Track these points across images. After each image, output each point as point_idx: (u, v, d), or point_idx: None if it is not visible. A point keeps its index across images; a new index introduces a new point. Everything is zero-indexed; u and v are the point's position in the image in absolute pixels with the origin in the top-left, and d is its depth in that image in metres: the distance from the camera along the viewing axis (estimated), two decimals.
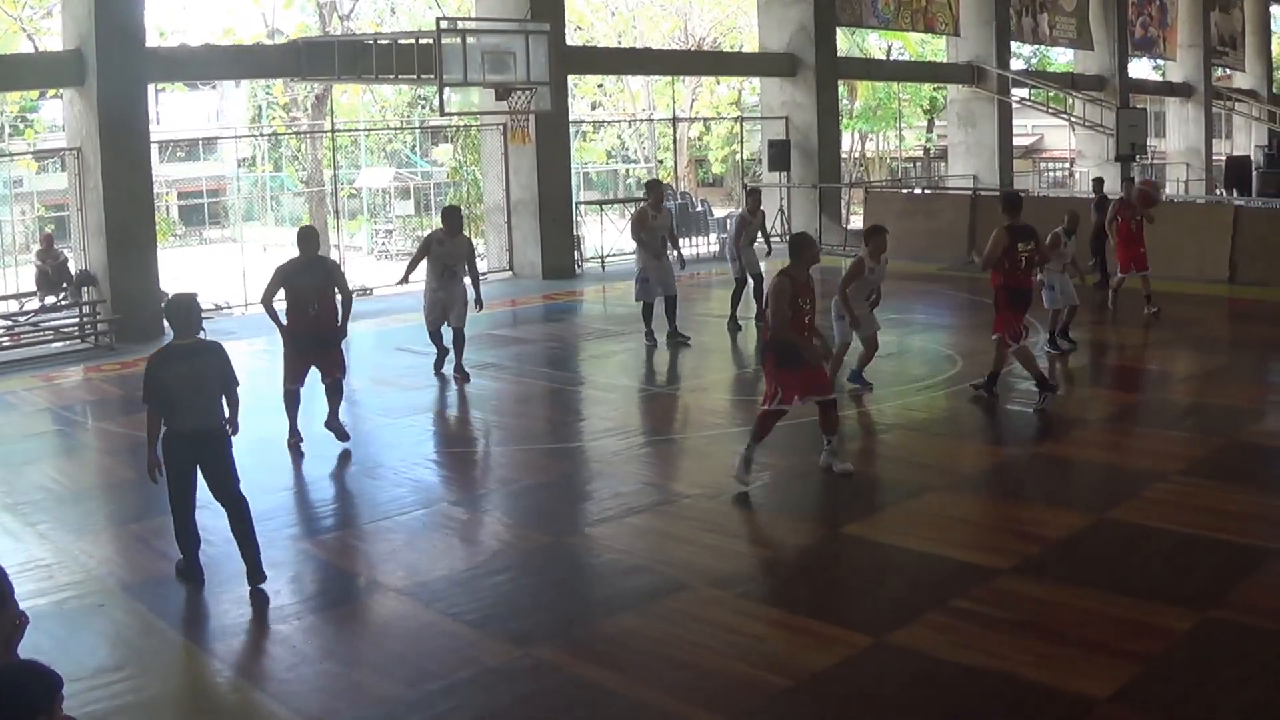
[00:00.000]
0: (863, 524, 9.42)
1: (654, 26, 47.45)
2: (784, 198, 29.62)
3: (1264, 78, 47.81)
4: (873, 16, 32.07)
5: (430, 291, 14.58)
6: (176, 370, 8.02)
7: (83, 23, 18.11)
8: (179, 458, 8.11)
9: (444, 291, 14.46)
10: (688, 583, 8.15)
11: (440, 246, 14.36)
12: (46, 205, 36.61)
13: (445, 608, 7.81)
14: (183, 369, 8.03)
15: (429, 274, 14.57)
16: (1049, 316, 15.08)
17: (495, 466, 11.71)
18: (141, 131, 19.03)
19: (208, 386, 8.12)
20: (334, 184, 28.79)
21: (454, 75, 19.37)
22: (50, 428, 13.67)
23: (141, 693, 6.85)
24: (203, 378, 8.09)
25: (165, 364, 8.10)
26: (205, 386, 8.10)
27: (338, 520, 9.78)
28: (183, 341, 8.21)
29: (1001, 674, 6.63)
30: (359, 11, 38.88)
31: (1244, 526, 8.91)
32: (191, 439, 8.08)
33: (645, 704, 6.50)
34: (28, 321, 18.60)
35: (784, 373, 10.02)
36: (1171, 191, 40.11)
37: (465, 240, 14.70)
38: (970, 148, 34.57)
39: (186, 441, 8.08)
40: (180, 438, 8.07)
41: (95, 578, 8.55)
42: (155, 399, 8.05)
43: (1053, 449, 11.40)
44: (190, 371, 8.04)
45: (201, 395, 8.08)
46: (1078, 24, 37.93)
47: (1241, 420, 12.05)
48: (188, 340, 8.22)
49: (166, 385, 8.00)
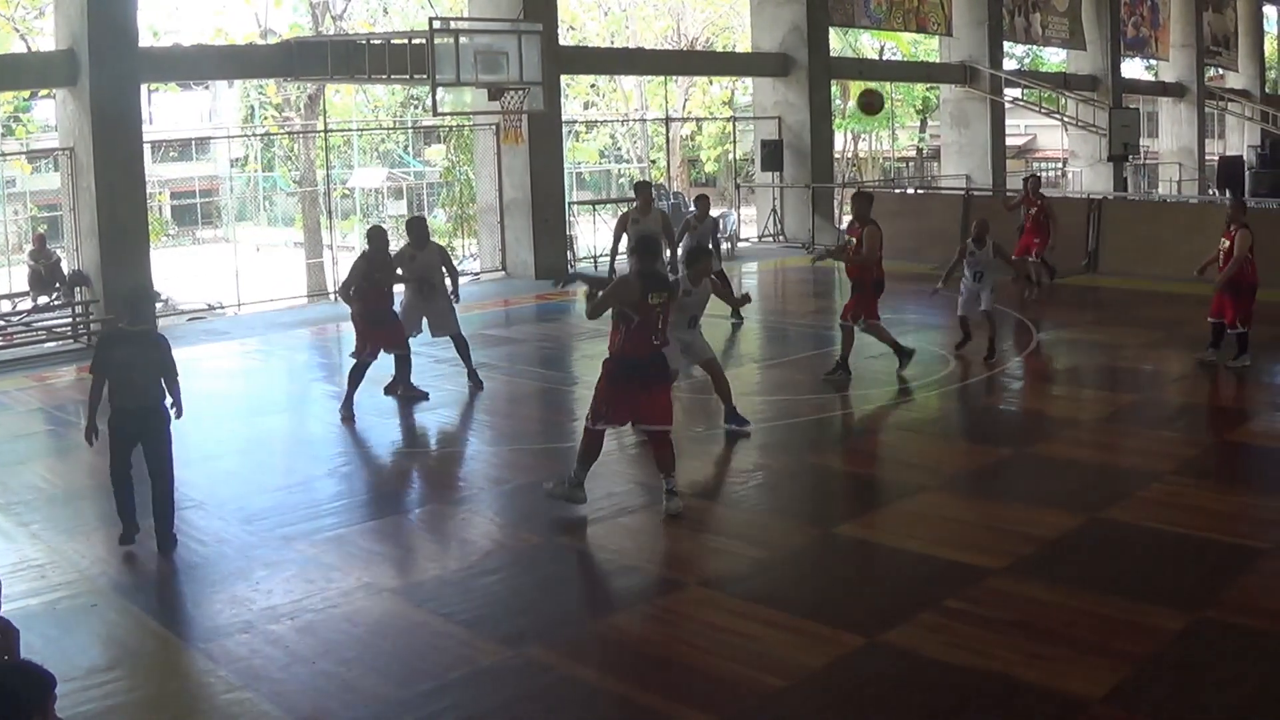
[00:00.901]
0: (855, 524, 9.43)
1: (647, 26, 47.44)
2: (777, 198, 29.64)
3: (1257, 78, 47.89)
4: (865, 16, 32.11)
5: (408, 308, 13.81)
6: (124, 351, 8.84)
7: (75, 22, 18.09)
8: (121, 431, 8.91)
9: (425, 305, 13.81)
10: (680, 582, 8.16)
11: (412, 262, 13.64)
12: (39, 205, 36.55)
13: (437, 608, 7.81)
14: (129, 351, 8.83)
15: (406, 290, 13.87)
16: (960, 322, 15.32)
17: (487, 466, 11.70)
18: (134, 131, 19.00)
19: (150, 370, 8.89)
20: (327, 184, 28.80)
21: (447, 75, 19.37)
22: (43, 428, 13.67)
23: (134, 693, 6.84)
24: (146, 362, 8.86)
25: (115, 344, 9.01)
26: (148, 370, 8.88)
27: (330, 520, 9.76)
28: (132, 328, 9.01)
29: (994, 674, 6.63)
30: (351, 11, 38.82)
31: (1235, 526, 8.94)
32: (132, 415, 8.87)
33: (637, 704, 6.51)
34: (20, 321, 18.58)
35: (616, 390, 9.37)
36: (1164, 192, 40.20)
37: (435, 248, 14.08)
38: (963, 148, 34.59)
39: (128, 416, 8.87)
40: (121, 413, 8.88)
41: (88, 578, 8.54)
42: (99, 371, 8.90)
43: (1045, 449, 11.41)
44: (135, 355, 8.82)
45: (143, 377, 8.84)
46: (1070, 24, 37.97)
47: (1233, 420, 12.07)
48: (137, 328, 9.01)
49: (113, 363, 8.83)
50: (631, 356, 9.24)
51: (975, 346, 14.86)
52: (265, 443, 12.40)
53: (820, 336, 17.70)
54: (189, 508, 9.95)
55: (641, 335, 9.23)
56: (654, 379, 9.39)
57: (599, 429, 9.51)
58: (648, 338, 9.26)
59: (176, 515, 9.11)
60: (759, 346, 17.34)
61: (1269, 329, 17.34)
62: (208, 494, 10.36)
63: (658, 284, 9.35)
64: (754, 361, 16.29)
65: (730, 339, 17.23)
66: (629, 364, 9.26)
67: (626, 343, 9.24)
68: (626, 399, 9.33)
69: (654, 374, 9.39)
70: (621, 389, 9.31)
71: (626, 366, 9.27)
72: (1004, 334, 16.98)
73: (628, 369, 9.27)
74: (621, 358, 9.28)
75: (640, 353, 9.25)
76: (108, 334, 9.18)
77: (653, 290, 9.24)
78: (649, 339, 9.28)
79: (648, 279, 9.32)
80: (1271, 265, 20.31)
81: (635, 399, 9.33)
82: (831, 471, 11.19)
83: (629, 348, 9.24)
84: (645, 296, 9.19)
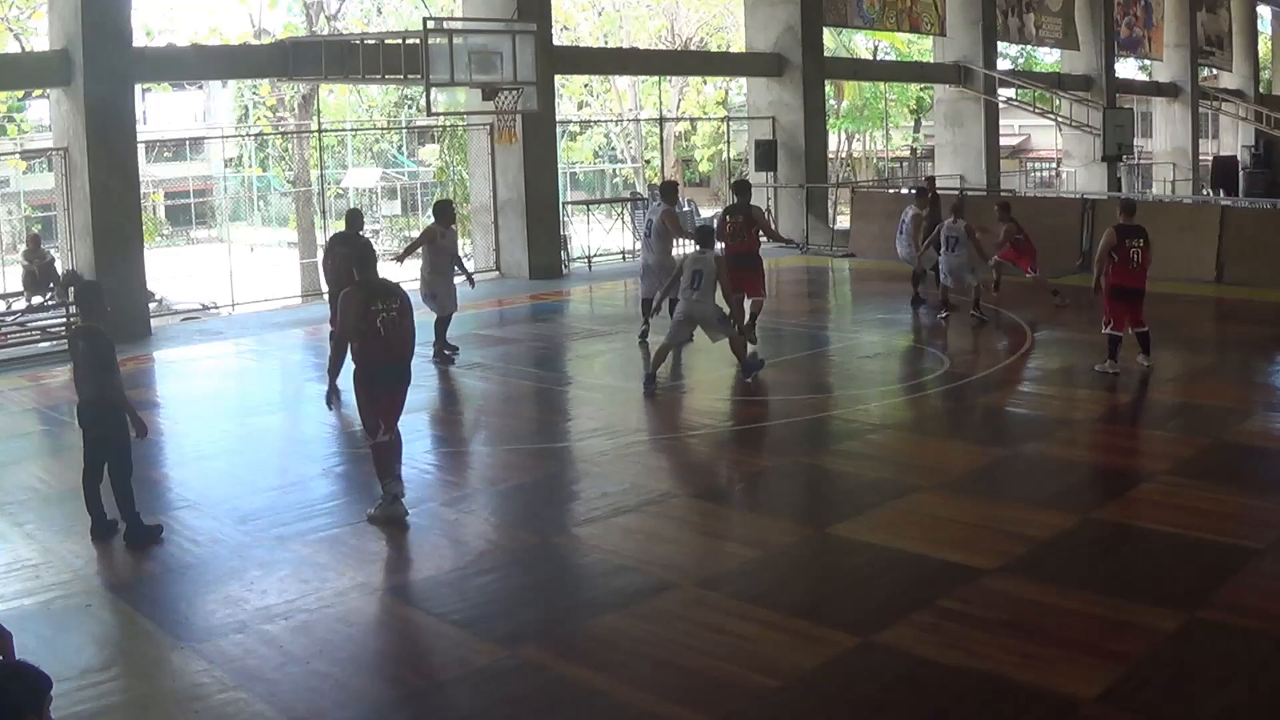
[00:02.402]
0: (849, 524, 9.43)
1: (641, 26, 47.44)
2: (771, 198, 29.64)
3: (1250, 78, 47.95)
4: (858, 17, 32.10)
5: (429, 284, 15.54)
6: (77, 346, 9.27)
7: (69, 23, 18.06)
8: (83, 424, 9.30)
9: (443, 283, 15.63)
10: (674, 582, 8.16)
11: (443, 239, 15.53)
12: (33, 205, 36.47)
13: (432, 608, 7.82)
14: (80, 346, 9.20)
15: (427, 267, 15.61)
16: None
17: (482, 466, 11.71)
18: (128, 131, 18.98)
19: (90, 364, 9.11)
20: (321, 184, 28.76)
21: (441, 75, 19.35)
22: (37, 428, 13.65)
23: (128, 693, 6.85)
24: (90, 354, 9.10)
25: (72, 339, 9.64)
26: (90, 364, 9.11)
27: (324, 520, 9.76)
28: (84, 324, 9.51)
29: (987, 674, 6.64)
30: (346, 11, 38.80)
31: (1230, 526, 8.94)
32: (83, 407, 9.25)
33: (631, 704, 6.51)
34: (14, 322, 18.54)
35: (372, 398, 9.57)
36: (1158, 191, 40.25)
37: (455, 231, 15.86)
38: (957, 148, 34.60)
39: (83, 407, 9.26)
40: (79, 404, 9.34)
41: (82, 578, 8.54)
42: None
43: (1039, 449, 11.42)
44: (83, 349, 9.15)
45: (88, 371, 9.12)
46: (1064, 24, 38.00)
47: (1228, 420, 12.08)
48: (87, 323, 9.43)
49: (72, 358, 9.40)
50: (376, 363, 9.42)
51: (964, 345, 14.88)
52: (259, 443, 12.39)
53: (814, 336, 17.73)
54: (182, 508, 9.97)
55: (375, 343, 9.35)
56: (395, 384, 9.64)
57: (382, 440, 9.57)
58: (382, 345, 9.38)
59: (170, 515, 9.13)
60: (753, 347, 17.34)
61: (1267, 329, 17.41)
62: (201, 494, 10.36)
63: (379, 293, 9.49)
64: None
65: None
66: (376, 371, 9.45)
67: (368, 350, 9.40)
68: (382, 403, 9.54)
69: (395, 380, 9.62)
70: (376, 395, 9.53)
71: (373, 374, 9.46)
72: (1000, 334, 17.02)
73: (374, 376, 9.46)
74: (366, 365, 9.45)
75: (383, 359, 9.43)
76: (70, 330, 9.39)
77: (374, 299, 9.41)
78: (383, 346, 9.39)
79: (369, 289, 9.49)
80: (1270, 265, 20.51)
81: (386, 402, 9.57)
82: (825, 471, 11.19)
83: (372, 355, 9.40)
84: (368, 306, 9.34)
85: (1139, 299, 13.72)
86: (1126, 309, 13.68)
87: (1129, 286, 13.65)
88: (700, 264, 13.56)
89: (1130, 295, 13.67)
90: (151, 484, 10.42)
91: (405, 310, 9.52)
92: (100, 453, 9.22)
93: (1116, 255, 13.54)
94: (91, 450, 9.25)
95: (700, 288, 13.53)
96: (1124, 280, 13.62)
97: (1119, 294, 13.65)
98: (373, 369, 9.41)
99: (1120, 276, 13.60)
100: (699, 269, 13.53)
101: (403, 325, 9.48)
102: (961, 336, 16.93)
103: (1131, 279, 13.63)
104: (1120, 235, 13.58)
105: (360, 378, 9.48)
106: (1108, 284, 13.71)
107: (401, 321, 9.45)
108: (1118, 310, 13.68)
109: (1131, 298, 13.68)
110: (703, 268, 13.53)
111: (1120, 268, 13.57)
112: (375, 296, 9.39)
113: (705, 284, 13.52)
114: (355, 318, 9.33)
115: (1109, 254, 13.59)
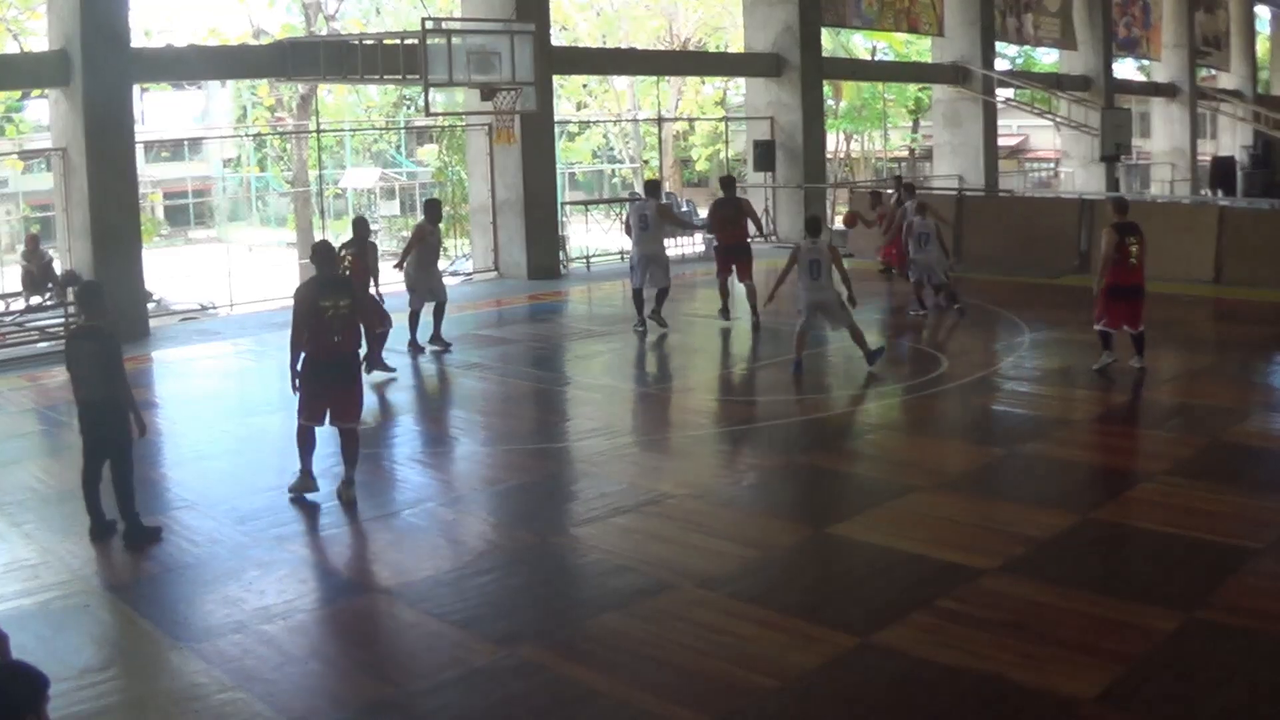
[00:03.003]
0: (848, 524, 9.43)
1: (639, 27, 47.47)
2: (769, 198, 29.64)
3: (1249, 78, 47.96)
4: (856, 17, 32.11)
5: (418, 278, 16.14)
6: (81, 347, 9.19)
7: (68, 23, 18.05)
8: (85, 425, 9.28)
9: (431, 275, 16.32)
10: (673, 583, 8.16)
11: (432, 236, 16.29)
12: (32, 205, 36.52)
13: (430, 608, 7.81)
14: (85, 347, 9.15)
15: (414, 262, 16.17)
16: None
17: (480, 466, 11.70)
18: (127, 132, 18.97)
19: (97, 366, 9.08)
20: (319, 184, 28.81)
21: (439, 75, 19.35)
22: (36, 428, 13.65)
23: (127, 693, 6.84)
24: (94, 358, 9.08)
25: (73, 340, 9.49)
26: (95, 365, 9.07)
27: (323, 520, 9.76)
28: (86, 324, 9.47)
29: (986, 674, 6.64)
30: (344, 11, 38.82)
31: (1228, 527, 8.93)
32: (87, 407, 9.21)
33: (630, 704, 6.51)
34: (13, 322, 18.53)
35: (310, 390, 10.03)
36: (1157, 192, 40.25)
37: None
38: (955, 148, 34.59)
39: (85, 408, 9.25)
40: (80, 405, 9.30)
41: (80, 578, 8.53)
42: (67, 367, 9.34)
43: (1038, 449, 11.42)
44: (86, 351, 9.11)
45: (94, 373, 9.08)
46: (1062, 24, 38.00)
47: (1227, 420, 12.07)
48: (88, 324, 9.39)
49: (73, 359, 9.22)
50: (317, 358, 9.90)
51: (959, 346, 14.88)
52: (258, 443, 12.39)
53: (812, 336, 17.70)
54: (181, 508, 9.97)
55: (322, 339, 9.82)
56: (341, 379, 10.01)
57: (302, 424, 10.14)
58: (328, 340, 9.83)
59: (169, 515, 9.13)
60: (751, 346, 17.34)
61: (1265, 329, 17.41)
62: (200, 494, 10.36)
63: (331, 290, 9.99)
64: (746, 362, 16.31)
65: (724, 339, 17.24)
66: (318, 365, 9.92)
67: (311, 345, 9.89)
68: (321, 398, 10.00)
69: (341, 374, 10.00)
70: (315, 389, 10.00)
71: (316, 368, 9.93)
72: (996, 334, 17.03)
73: (317, 370, 9.93)
74: (310, 360, 9.94)
75: (323, 355, 9.88)
76: (71, 330, 9.32)
77: (324, 297, 9.90)
78: (329, 341, 9.84)
79: (323, 285, 10.02)
80: (1268, 265, 20.51)
81: (328, 397, 10.00)
82: (824, 471, 11.19)
83: (313, 350, 9.88)
84: (317, 302, 9.84)
85: (1139, 297, 13.70)
86: (1125, 308, 13.65)
87: (1127, 285, 13.61)
88: (815, 253, 14.18)
89: (1129, 294, 13.64)
90: (150, 484, 10.42)
91: (356, 308, 10.07)
92: (101, 453, 9.19)
93: (1116, 254, 13.52)
94: (91, 450, 9.23)
95: (819, 276, 14.06)
96: (1122, 279, 13.59)
97: (1117, 293, 13.62)
98: (319, 363, 9.90)
99: (1118, 275, 13.57)
100: (815, 258, 14.08)
101: (352, 322, 9.95)
102: (959, 336, 16.93)
103: (1130, 276, 13.60)
104: (1119, 234, 13.56)
105: (306, 369, 9.96)
106: (1105, 283, 13.69)
107: (351, 318, 9.94)
108: (1114, 309, 13.65)
109: (1131, 296, 13.65)
110: (818, 256, 14.08)
111: (1119, 266, 13.55)
112: (327, 293, 9.89)
113: (824, 272, 14.06)
114: (305, 312, 9.85)
115: (1112, 253, 13.56)
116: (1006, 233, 24.07)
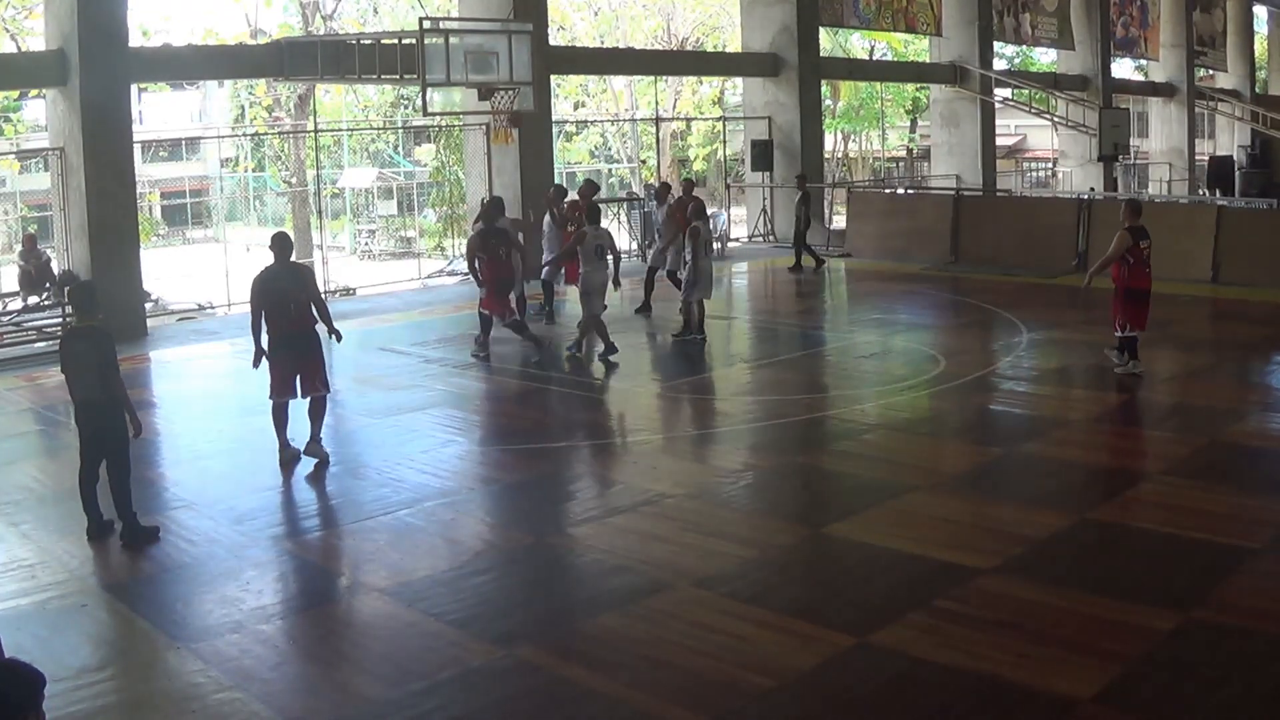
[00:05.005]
0: (845, 524, 9.43)
1: (637, 26, 47.47)
2: (767, 198, 29.65)
3: (1246, 78, 48.02)
4: (854, 16, 32.15)
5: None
6: (76, 347, 9.23)
7: (65, 22, 18.05)
8: (81, 425, 9.31)
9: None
10: (670, 583, 8.16)
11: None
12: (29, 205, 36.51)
13: (428, 608, 7.81)
14: (80, 347, 9.18)
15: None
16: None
17: (478, 466, 11.69)
18: (124, 131, 18.97)
19: (92, 365, 9.11)
20: (317, 184, 28.79)
21: (437, 75, 19.35)
22: (33, 428, 13.64)
23: (124, 693, 6.84)
24: (88, 357, 9.11)
25: (68, 341, 9.54)
26: (93, 364, 9.10)
27: (320, 520, 9.77)
28: (80, 324, 9.45)
29: (983, 674, 6.64)
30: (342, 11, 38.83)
31: (1225, 526, 8.94)
32: (82, 407, 9.24)
33: (627, 704, 6.51)
34: (11, 322, 18.53)
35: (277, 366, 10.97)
36: (1154, 191, 40.27)
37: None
38: (953, 148, 34.64)
39: (80, 408, 9.27)
40: (77, 405, 9.33)
41: (78, 578, 8.53)
42: (62, 367, 9.38)
43: (1035, 449, 11.42)
44: (81, 350, 9.15)
45: (88, 372, 9.12)
46: (1059, 24, 38.05)
47: (1224, 420, 12.08)
48: (83, 323, 9.37)
49: (67, 359, 9.26)
50: (283, 331, 10.88)
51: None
52: (255, 443, 12.35)
53: (809, 336, 17.74)
54: (179, 508, 9.96)
55: (279, 315, 10.81)
56: (302, 348, 10.96)
57: (276, 402, 11.06)
58: (284, 316, 10.82)
59: (166, 515, 9.13)
60: (749, 347, 17.35)
61: (1264, 329, 17.42)
62: (198, 494, 10.35)
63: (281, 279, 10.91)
64: (744, 362, 16.31)
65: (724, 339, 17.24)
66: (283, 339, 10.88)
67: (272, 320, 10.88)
68: (290, 368, 10.97)
69: (301, 343, 10.94)
70: (284, 360, 10.95)
71: (282, 341, 10.89)
72: (994, 334, 17.03)
73: (284, 343, 10.89)
74: (272, 333, 10.90)
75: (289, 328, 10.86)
76: (66, 330, 9.42)
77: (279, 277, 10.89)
78: (285, 317, 10.82)
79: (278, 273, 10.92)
80: (1265, 265, 20.53)
81: (295, 366, 10.97)
82: (821, 471, 11.20)
83: (276, 324, 10.87)
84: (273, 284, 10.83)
85: (1149, 300, 13.74)
86: (1144, 310, 13.68)
87: (1144, 288, 13.68)
88: (599, 239, 15.57)
89: (1145, 297, 13.69)
90: (148, 484, 10.41)
91: (304, 286, 11.06)
92: (98, 452, 9.20)
93: (1131, 258, 13.52)
94: (89, 450, 9.23)
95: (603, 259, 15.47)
96: (1140, 282, 13.63)
97: (1135, 296, 13.62)
98: (279, 336, 10.85)
99: (1137, 279, 13.59)
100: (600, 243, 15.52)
101: (302, 300, 10.88)
102: (957, 336, 16.94)
103: (1146, 280, 13.66)
104: (1134, 238, 13.56)
105: (270, 344, 10.92)
106: (1122, 287, 13.65)
107: (300, 296, 10.88)
108: (1133, 312, 13.65)
109: (1146, 299, 13.70)
110: (602, 241, 15.58)
111: (1136, 270, 13.55)
112: (280, 275, 10.84)
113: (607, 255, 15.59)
114: (259, 294, 10.84)
115: (1124, 257, 13.55)
116: (1004, 233, 24.09)
